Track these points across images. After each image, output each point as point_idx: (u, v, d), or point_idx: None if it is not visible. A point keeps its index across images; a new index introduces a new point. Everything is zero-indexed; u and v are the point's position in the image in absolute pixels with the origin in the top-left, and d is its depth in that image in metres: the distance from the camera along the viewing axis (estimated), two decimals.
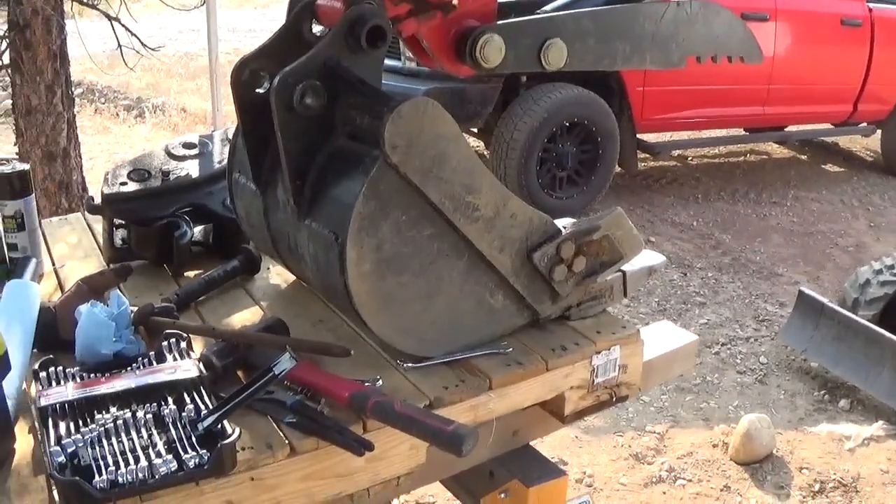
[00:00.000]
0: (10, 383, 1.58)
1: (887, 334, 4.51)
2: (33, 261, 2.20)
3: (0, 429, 1.54)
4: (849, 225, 7.55)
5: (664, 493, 3.80)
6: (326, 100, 1.75)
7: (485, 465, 2.06)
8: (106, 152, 8.40)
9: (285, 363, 1.60)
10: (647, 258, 2.22)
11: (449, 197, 1.73)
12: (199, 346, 1.85)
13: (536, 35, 1.93)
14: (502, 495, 2.05)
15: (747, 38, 2.28)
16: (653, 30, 2.09)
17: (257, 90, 1.87)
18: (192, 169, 2.38)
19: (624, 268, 2.12)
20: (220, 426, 1.51)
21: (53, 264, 2.36)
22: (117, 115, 9.92)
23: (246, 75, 1.85)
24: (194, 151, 2.45)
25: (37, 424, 1.57)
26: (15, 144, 5.42)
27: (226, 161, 2.36)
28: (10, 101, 5.52)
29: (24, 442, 1.57)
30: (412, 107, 1.63)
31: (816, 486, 3.87)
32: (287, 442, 1.56)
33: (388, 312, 1.77)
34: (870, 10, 8.21)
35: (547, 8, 6.16)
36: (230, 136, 2.47)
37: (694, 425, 4.35)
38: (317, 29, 1.92)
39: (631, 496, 3.76)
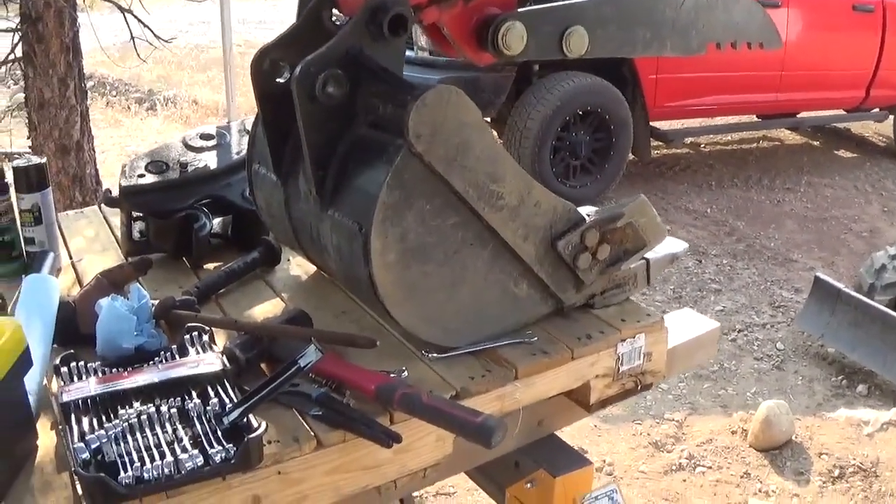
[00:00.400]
0: (31, 379, 1.57)
1: None
2: (51, 255, 2.19)
3: (23, 425, 1.53)
4: (862, 210, 7.53)
5: (684, 480, 3.79)
6: (348, 88, 1.74)
7: (510, 456, 2.05)
8: (118, 145, 8.41)
9: (311, 355, 1.58)
10: (669, 245, 2.21)
11: (473, 185, 1.71)
12: (221, 339, 1.84)
13: (558, 22, 1.91)
14: (528, 485, 2.04)
15: (766, 23, 2.26)
16: (673, 16, 2.07)
17: (277, 80, 1.86)
18: (209, 160, 2.37)
19: (647, 255, 2.11)
20: (245, 420, 1.49)
21: (70, 258, 2.35)
22: (129, 107, 9.93)
23: (266, 65, 1.83)
24: (212, 143, 2.44)
25: (59, 420, 1.56)
26: (28, 138, 5.41)
27: (244, 152, 2.35)
28: (22, 95, 5.50)
29: (46, 438, 1.56)
30: (436, 95, 1.61)
31: (836, 472, 3.87)
32: (313, 435, 1.55)
33: (413, 302, 1.76)
34: None
35: None
36: (247, 127, 2.47)
37: (712, 412, 4.34)
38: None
39: (651, 484, 3.75)
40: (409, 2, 1.75)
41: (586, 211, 1.99)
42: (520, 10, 1.87)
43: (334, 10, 1.87)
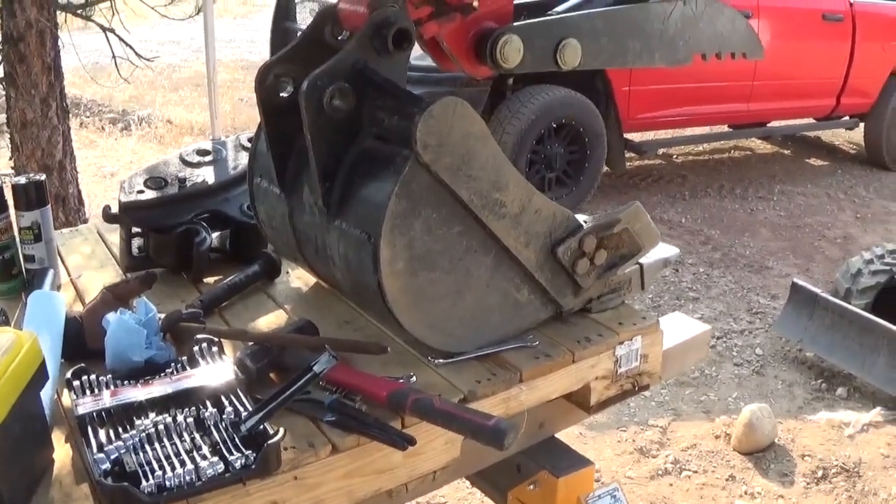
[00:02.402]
0: (44, 393, 1.57)
1: (882, 322, 4.57)
2: (51, 271, 2.19)
3: (40, 438, 1.54)
4: (835, 217, 7.62)
5: (671, 485, 3.83)
6: (355, 102, 1.78)
7: (512, 459, 2.09)
8: (94, 166, 8.36)
9: (325, 362, 1.62)
10: (661, 250, 2.26)
11: (477, 194, 1.75)
12: (229, 350, 1.86)
13: (552, 35, 1.96)
14: (531, 487, 2.08)
15: (749, 34, 2.32)
16: (661, 28, 2.12)
17: (281, 94, 1.89)
18: (207, 175, 2.40)
19: (641, 260, 2.16)
20: (262, 427, 1.51)
21: (69, 275, 2.35)
22: (103, 128, 9.87)
23: (270, 80, 1.87)
24: (208, 158, 2.47)
25: (75, 433, 1.57)
26: (10, 159, 5.40)
27: (240, 167, 2.39)
28: (3, 115, 5.49)
29: (61, 451, 1.57)
30: (442, 107, 1.65)
31: (819, 473, 3.92)
32: (328, 440, 1.58)
33: (420, 309, 1.79)
34: (851, 4, 8.31)
35: (559, 9, 6.17)
36: (243, 143, 2.50)
37: (695, 418, 4.39)
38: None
39: (639, 489, 3.79)
40: (410, 17, 1.79)
41: (582, 218, 2.04)
42: (515, 24, 1.92)
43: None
